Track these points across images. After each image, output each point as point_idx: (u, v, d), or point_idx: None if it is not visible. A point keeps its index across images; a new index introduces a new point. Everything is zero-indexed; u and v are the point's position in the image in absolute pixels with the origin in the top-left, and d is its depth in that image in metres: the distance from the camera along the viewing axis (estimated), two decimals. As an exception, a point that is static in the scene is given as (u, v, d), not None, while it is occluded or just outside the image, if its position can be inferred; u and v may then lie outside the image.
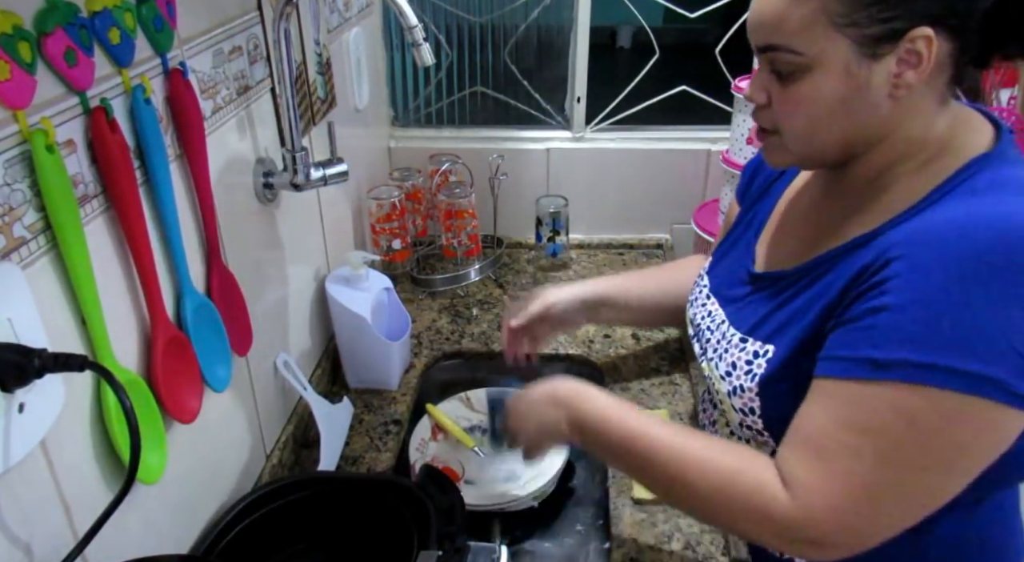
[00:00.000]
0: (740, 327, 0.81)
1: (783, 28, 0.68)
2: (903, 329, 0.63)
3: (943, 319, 0.61)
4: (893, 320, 0.63)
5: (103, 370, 0.60)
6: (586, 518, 1.13)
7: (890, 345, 0.63)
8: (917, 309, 0.62)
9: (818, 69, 0.68)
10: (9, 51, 0.54)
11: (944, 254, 0.62)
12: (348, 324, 1.18)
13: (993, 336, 0.60)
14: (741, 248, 0.91)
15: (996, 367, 0.60)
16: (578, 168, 1.68)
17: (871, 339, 0.64)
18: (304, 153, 0.98)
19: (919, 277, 0.63)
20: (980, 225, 0.62)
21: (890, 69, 0.67)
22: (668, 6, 1.60)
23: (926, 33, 0.64)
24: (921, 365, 0.61)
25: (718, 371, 0.83)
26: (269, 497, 0.88)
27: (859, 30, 0.65)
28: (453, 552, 0.78)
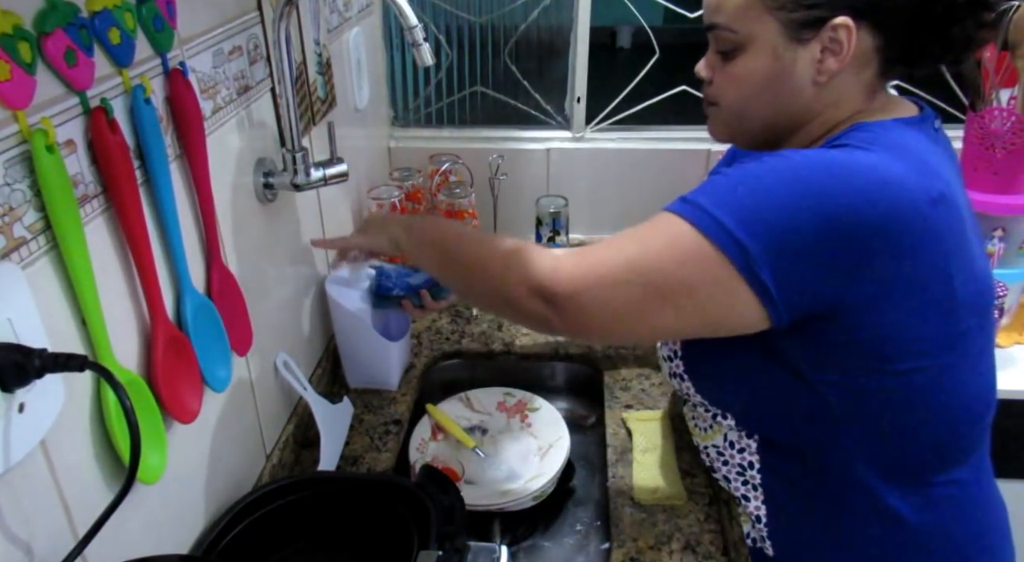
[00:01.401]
0: None
1: (723, 8, 0.76)
2: (713, 184, 0.71)
3: (742, 188, 0.68)
4: (713, 179, 0.72)
5: (103, 370, 0.60)
6: (586, 518, 1.13)
7: (697, 192, 0.71)
8: (731, 176, 0.70)
9: (750, 48, 0.75)
10: (9, 51, 0.54)
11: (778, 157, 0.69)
12: (348, 324, 1.18)
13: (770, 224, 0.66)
14: None
15: (755, 242, 0.66)
16: (578, 168, 1.68)
17: (696, 189, 0.72)
18: (304, 153, 0.98)
19: (750, 163, 0.70)
20: (822, 155, 0.69)
21: (814, 55, 0.73)
22: (668, 6, 1.60)
23: (846, 22, 0.70)
24: (701, 208, 0.69)
25: (661, 353, 0.91)
26: (269, 497, 0.88)
27: (786, 14, 0.72)
28: (453, 552, 0.78)
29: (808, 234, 0.65)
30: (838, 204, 0.65)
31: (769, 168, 0.68)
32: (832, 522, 0.81)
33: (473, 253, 0.82)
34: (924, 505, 0.79)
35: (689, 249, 0.68)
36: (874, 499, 0.78)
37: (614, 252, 0.72)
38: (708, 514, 1.00)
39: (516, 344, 1.37)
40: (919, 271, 0.68)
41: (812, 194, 0.65)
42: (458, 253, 0.85)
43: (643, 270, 0.70)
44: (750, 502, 0.86)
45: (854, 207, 0.65)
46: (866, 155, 0.68)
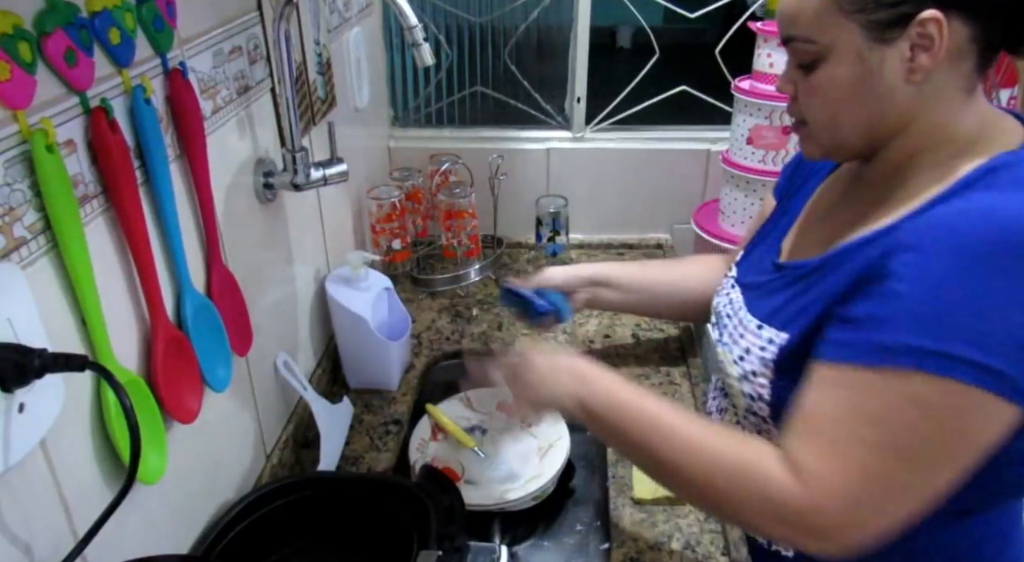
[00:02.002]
0: (756, 314, 0.82)
1: (799, 19, 0.71)
2: (913, 314, 0.62)
3: (954, 306, 0.60)
4: (903, 306, 0.62)
5: (103, 370, 0.60)
6: (586, 518, 1.13)
7: (900, 330, 0.62)
8: (927, 294, 0.61)
9: (832, 57, 0.70)
10: (9, 51, 0.54)
11: (956, 240, 0.61)
12: (348, 324, 1.18)
13: (1002, 328, 0.60)
14: (769, 241, 0.92)
15: (1004, 361, 0.60)
16: (578, 168, 1.68)
17: (881, 324, 0.63)
18: (304, 153, 0.98)
19: (930, 262, 0.62)
20: (996, 214, 0.62)
21: (903, 53, 0.67)
22: (668, 6, 1.60)
23: (935, 15, 0.65)
24: (931, 352, 0.60)
25: (732, 355, 0.83)
26: (269, 497, 0.88)
27: (867, 16, 0.67)
28: (453, 552, 0.78)
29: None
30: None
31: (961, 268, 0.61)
32: None
33: (683, 460, 0.72)
34: (960, 538, 0.76)
35: (942, 400, 0.61)
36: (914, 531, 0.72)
37: (859, 449, 0.64)
38: (708, 514, 1.00)
39: (516, 344, 1.37)
40: None
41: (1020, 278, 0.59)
42: (659, 453, 0.74)
43: (904, 451, 0.63)
44: None
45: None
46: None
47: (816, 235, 0.83)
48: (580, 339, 1.37)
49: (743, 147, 1.45)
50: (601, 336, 1.38)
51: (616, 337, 1.37)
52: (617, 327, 1.40)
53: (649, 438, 0.75)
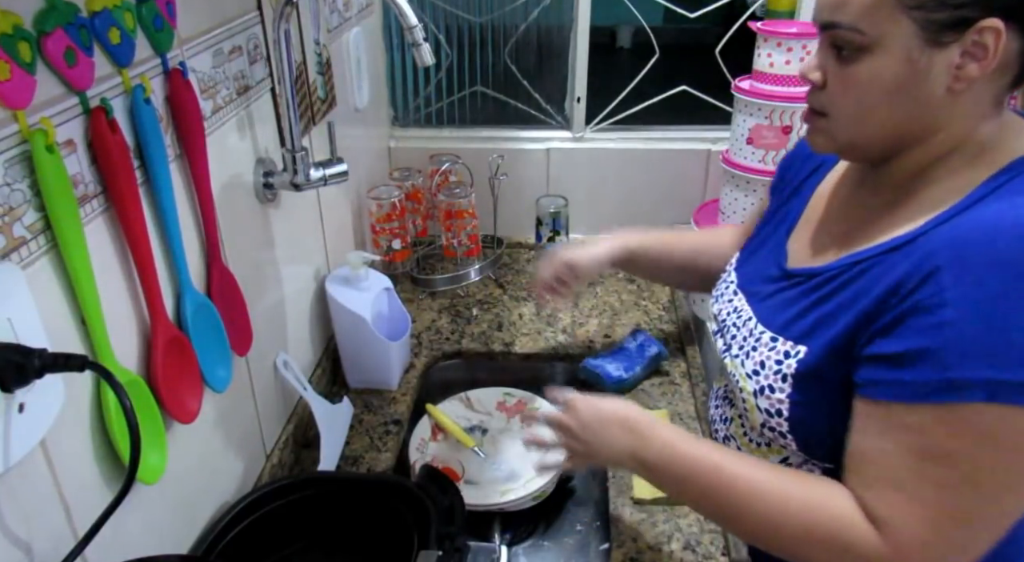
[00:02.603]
0: (770, 325, 0.79)
1: (849, 5, 0.66)
2: (969, 345, 0.59)
3: (1008, 330, 0.58)
4: (956, 336, 0.60)
5: (103, 370, 0.60)
6: (586, 518, 1.13)
7: (960, 365, 0.60)
8: (980, 322, 0.59)
9: (878, 51, 0.66)
10: (9, 51, 0.54)
11: (994, 258, 0.59)
12: (348, 324, 1.18)
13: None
14: (771, 245, 0.89)
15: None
16: (578, 168, 1.68)
17: (937, 359, 0.61)
18: (304, 153, 0.98)
19: (974, 287, 0.59)
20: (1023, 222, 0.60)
21: (952, 60, 0.64)
22: (668, 6, 1.60)
23: (996, 25, 0.62)
24: (997, 382, 0.58)
25: (744, 369, 0.80)
26: (269, 497, 0.88)
27: (926, 14, 0.63)
28: (453, 552, 0.78)
29: None
30: None
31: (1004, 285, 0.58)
32: None
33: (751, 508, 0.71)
34: None
35: (1011, 429, 0.59)
36: None
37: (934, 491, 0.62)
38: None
39: (516, 344, 1.37)
40: None
41: None
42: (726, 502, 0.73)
43: (978, 487, 0.61)
44: None
45: None
46: None
47: (825, 239, 0.81)
48: (580, 340, 1.37)
49: (743, 147, 1.45)
50: (601, 336, 1.38)
51: (616, 337, 1.37)
52: (617, 327, 1.40)
53: (714, 489, 0.74)
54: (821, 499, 0.69)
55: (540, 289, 1.17)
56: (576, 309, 1.47)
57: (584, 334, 1.39)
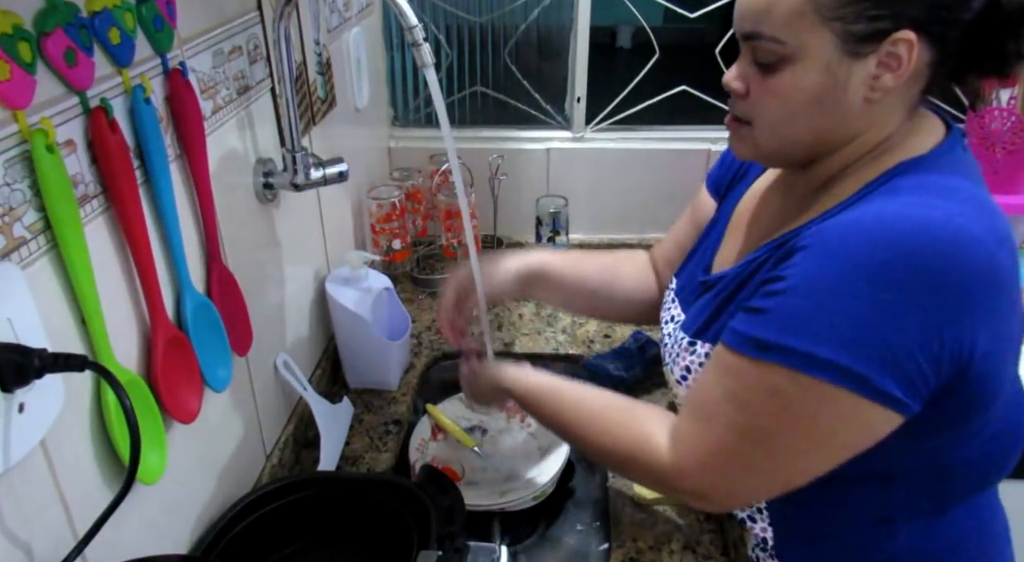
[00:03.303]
0: (688, 331, 0.83)
1: (769, 16, 0.67)
2: (787, 314, 0.65)
3: (823, 309, 0.63)
4: (781, 304, 0.65)
5: (103, 370, 0.60)
6: (586, 518, 1.13)
7: (773, 328, 0.65)
8: (804, 297, 0.64)
9: (799, 61, 0.68)
10: (9, 51, 0.54)
11: (841, 247, 0.63)
12: (348, 324, 1.18)
13: (867, 332, 0.62)
14: (700, 251, 0.92)
15: (865, 363, 0.62)
16: (578, 168, 1.68)
17: (762, 320, 0.67)
18: (304, 153, 0.98)
19: (813, 267, 0.64)
20: (882, 222, 0.63)
21: (869, 70, 0.67)
22: (668, 6, 1.60)
23: (909, 37, 0.64)
24: (793, 351, 0.64)
25: (674, 376, 0.84)
26: (269, 497, 0.88)
27: (844, 25, 0.65)
28: (453, 552, 0.78)
29: (907, 327, 0.61)
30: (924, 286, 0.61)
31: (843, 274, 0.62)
32: (843, 551, 0.79)
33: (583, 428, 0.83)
34: (940, 532, 0.77)
35: (802, 397, 0.64)
36: (891, 530, 0.76)
37: (724, 428, 0.69)
38: (708, 514, 1.00)
39: (516, 344, 1.37)
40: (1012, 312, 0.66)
41: (894, 285, 0.61)
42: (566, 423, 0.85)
43: (761, 436, 0.67)
44: (756, 523, 0.83)
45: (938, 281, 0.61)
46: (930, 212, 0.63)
47: (741, 244, 0.84)
48: (580, 339, 1.37)
49: (743, 147, 1.45)
50: (601, 336, 1.38)
51: (616, 337, 1.37)
52: (617, 327, 1.40)
53: (558, 410, 0.85)
54: (631, 415, 0.80)
55: (442, 324, 1.07)
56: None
57: (584, 334, 1.39)
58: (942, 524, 0.77)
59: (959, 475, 0.75)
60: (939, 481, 0.74)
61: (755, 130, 0.74)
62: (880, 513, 0.76)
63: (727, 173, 0.97)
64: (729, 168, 0.97)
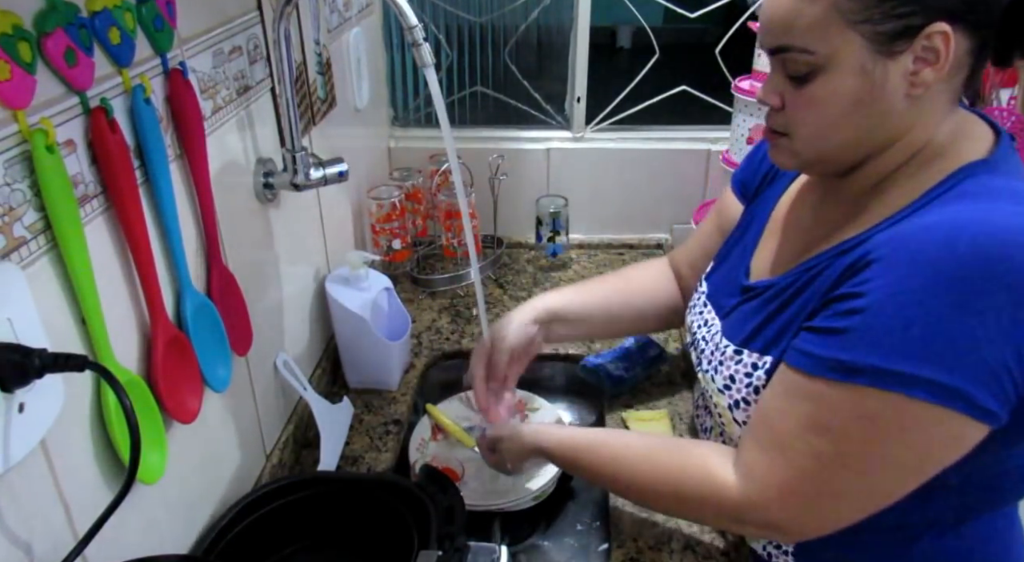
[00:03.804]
0: (733, 339, 0.81)
1: (795, 27, 0.66)
2: (874, 333, 0.62)
3: (914, 326, 0.60)
4: (865, 323, 0.63)
5: (103, 370, 0.60)
6: (586, 518, 1.13)
7: (859, 349, 0.63)
8: (889, 314, 0.62)
9: (832, 69, 0.66)
10: (9, 51, 0.54)
11: (921, 258, 0.61)
12: (348, 324, 1.18)
13: (963, 347, 0.60)
14: (736, 255, 0.90)
15: (962, 379, 0.60)
16: (578, 168, 1.68)
17: (843, 341, 0.64)
18: (304, 153, 0.98)
19: (894, 281, 0.62)
20: (962, 231, 0.61)
21: (907, 67, 0.65)
22: (668, 6, 1.60)
23: (943, 29, 0.63)
24: (888, 372, 0.61)
25: (715, 384, 0.82)
26: (269, 497, 0.88)
27: (873, 27, 0.64)
28: (453, 552, 0.78)
29: (999, 337, 0.59)
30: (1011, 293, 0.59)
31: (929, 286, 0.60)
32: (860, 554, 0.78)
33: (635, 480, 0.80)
34: (958, 539, 0.76)
35: (897, 420, 0.62)
36: (911, 534, 0.75)
37: (805, 458, 0.66)
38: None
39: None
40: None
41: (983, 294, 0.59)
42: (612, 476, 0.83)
43: (850, 463, 0.65)
44: None
45: None
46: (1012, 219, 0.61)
47: (784, 251, 0.82)
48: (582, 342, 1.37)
49: (743, 147, 1.45)
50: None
51: (617, 340, 1.37)
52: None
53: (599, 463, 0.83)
54: (684, 455, 0.77)
55: (480, 400, 1.05)
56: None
57: (584, 334, 1.39)
58: (962, 532, 0.76)
59: (995, 487, 0.73)
60: (979, 490, 0.72)
61: (794, 141, 0.72)
62: (908, 519, 0.74)
63: (755, 175, 0.95)
64: (758, 170, 0.95)
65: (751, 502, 0.70)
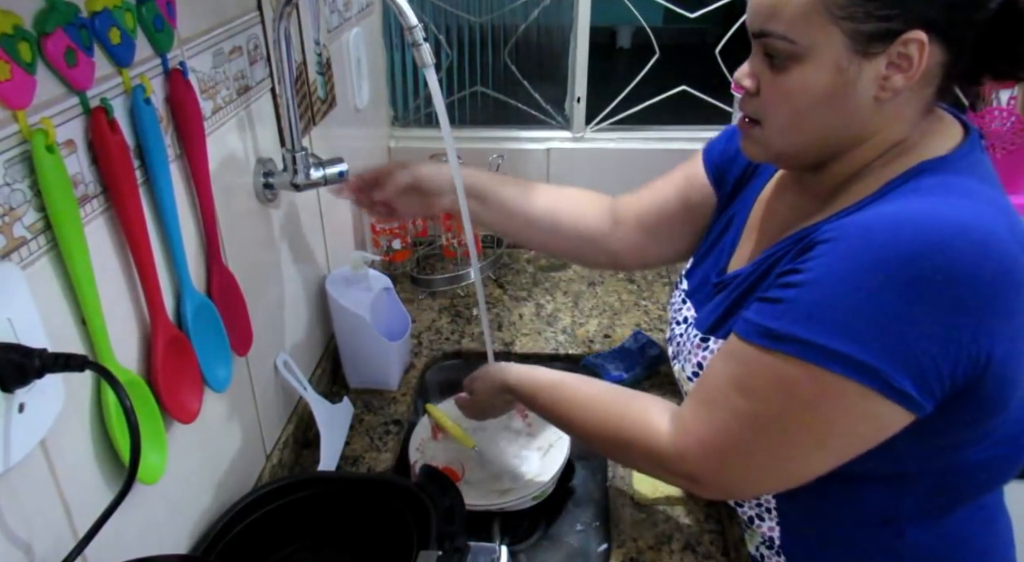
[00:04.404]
0: (702, 327, 0.83)
1: (781, 14, 0.67)
2: (802, 306, 0.65)
3: (842, 303, 0.63)
4: (798, 296, 0.65)
5: (103, 370, 0.60)
6: (586, 518, 1.13)
7: (788, 319, 0.65)
8: (820, 289, 0.64)
9: (809, 60, 0.67)
10: (9, 51, 0.54)
11: (864, 242, 0.63)
12: (348, 324, 1.18)
13: (885, 327, 0.61)
14: (716, 253, 0.91)
15: (880, 358, 0.61)
16: (578, 168, 1.68)
17: (775, 310, 0.67)
18: (304, 153, 0.98)
19: (834, 260, 0.64)
20: (909, 221, 0.63)
21: (879, 70, 0.66)
22: (668, 6, 1.60)
23: (920, 37, 0.64)
24: (807, 343, 0.64)
25: (685, 373, 0.85)
26: (269, 497, 0.88)
27: (855, 25, 0.65)
28: (453, 552, 0.78)
29: (928, 325, 0.61)
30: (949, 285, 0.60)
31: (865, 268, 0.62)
32: (849, 549, 0.79)
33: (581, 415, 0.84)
34: (946, 531, 0.77)
35: (810, 388, 0.64)
36: (898, 529, 0.76)
37: (727, 413, 0.69)
38: (708, 514, 1.00)
39: (516, 344, 1.37)
40: None
41: (918, 282, 0.60)
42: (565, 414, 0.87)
43: (764, 425, 0.68)
44: (763, 522, 0.84)
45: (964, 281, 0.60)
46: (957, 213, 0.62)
47: (756, 246, 0.84)
48: (580, 339, 1.37)
49: (743, 147, 1.45)
50: (601, 336, 1.38)
51: (616, 337, 1.37)
52: (617, 327, 1.40)
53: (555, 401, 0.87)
54: (631, 400, 0.81)
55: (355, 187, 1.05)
56: (576, 309, 1.47)
57: (584, 334, 1.39)
58: (948, 523, 0.77)
59: (969, 476, 0.74)
60: (949, 482, 0.74)
61: (765, 130, 0.74)
62: (888, 513, 0.76)
63: (732, 165, 0.94)
64: (735, 160, 0.94)
65: (675, 451, 0.73)
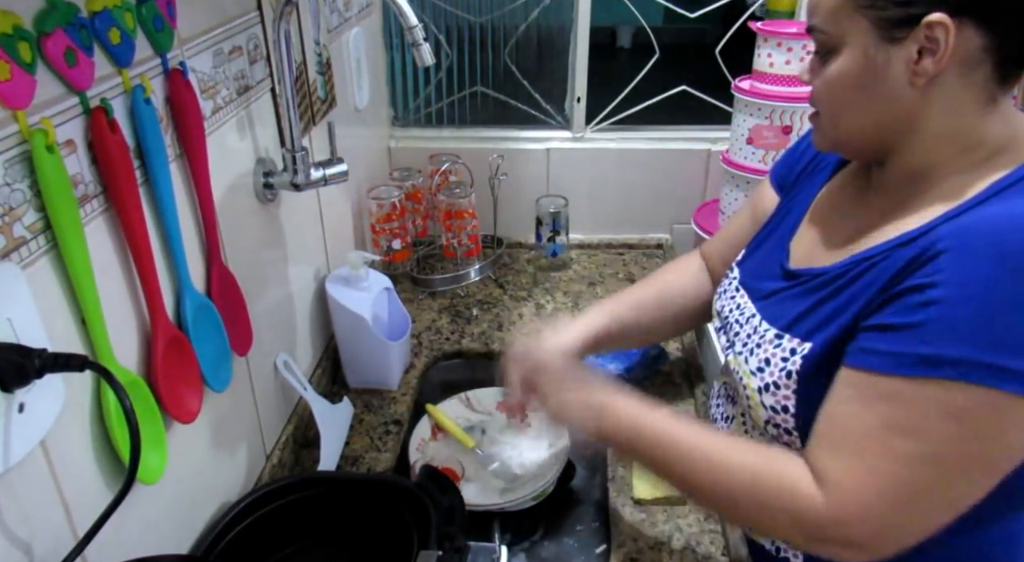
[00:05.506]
0: (775, 322, 0.80)
1: (819, 9, 0.71)
2: (954, 324, 0.59)
3: (996, 316, 0.58)
4: (943, 314, 0.60)
5: (103, 370, 0.60)
6: (586, 518, 1.13)
7: (940, 341, 0.60)
8: (968, 304, 0.59)
9: (843, 50, 0.70)
10: (9, 51, 0.54)
11: (996, 247, 0.59)
12: (348, 324, 1.18)
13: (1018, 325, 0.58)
14: (774, 242, 0.89)
15: (1011, 356, 0.58)
16: (578, 168, 1.68)
17: (920, 335, 0.61)
18: (304, 153, 0.98)
19: (970, 270, 0.60)
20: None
21: (910, 55, 0.66)
22: (668, 6, 1.60)
23: (942, 19, 0.63)
24: (974, 363, 0.59)
25: (747, 366, 0.81)
26: (269, 497, 0.88)
27: (877, 12, 0.66)
28: (453, 552, 0.78)
29: None
30: None
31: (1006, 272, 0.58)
32: None
33: (706, 479, 0.74)
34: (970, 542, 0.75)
35: (987, 413, 0.59)
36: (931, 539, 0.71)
37: (890, 463, 0.63)
38: (708, 514, 1.00)
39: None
40: None
41: None
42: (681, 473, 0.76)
43: (938, 463, 0.62)
44: None
45: None
46: None
47: (829, 239, 0.81)
48: (580, 339, 1.37)
49: (743, 147, 1.45)
50: (601, 336, 1.38)
51: (616, 337, 1.37)
52: (617, 327, 1.40)
53: (671, 460, 0.77)
54: (766, 463, 0.71)
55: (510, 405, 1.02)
56: (576, 309, 1.47)
57: (584, 334, 1.38)
58: (973, 535, 0.74)
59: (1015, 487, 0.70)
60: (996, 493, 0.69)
61: (822, 119, 0.77)
62: None
63: (794, 167, 0.95)
64: (798, 161, 0.95)
65: (833, 517, 0.65)
